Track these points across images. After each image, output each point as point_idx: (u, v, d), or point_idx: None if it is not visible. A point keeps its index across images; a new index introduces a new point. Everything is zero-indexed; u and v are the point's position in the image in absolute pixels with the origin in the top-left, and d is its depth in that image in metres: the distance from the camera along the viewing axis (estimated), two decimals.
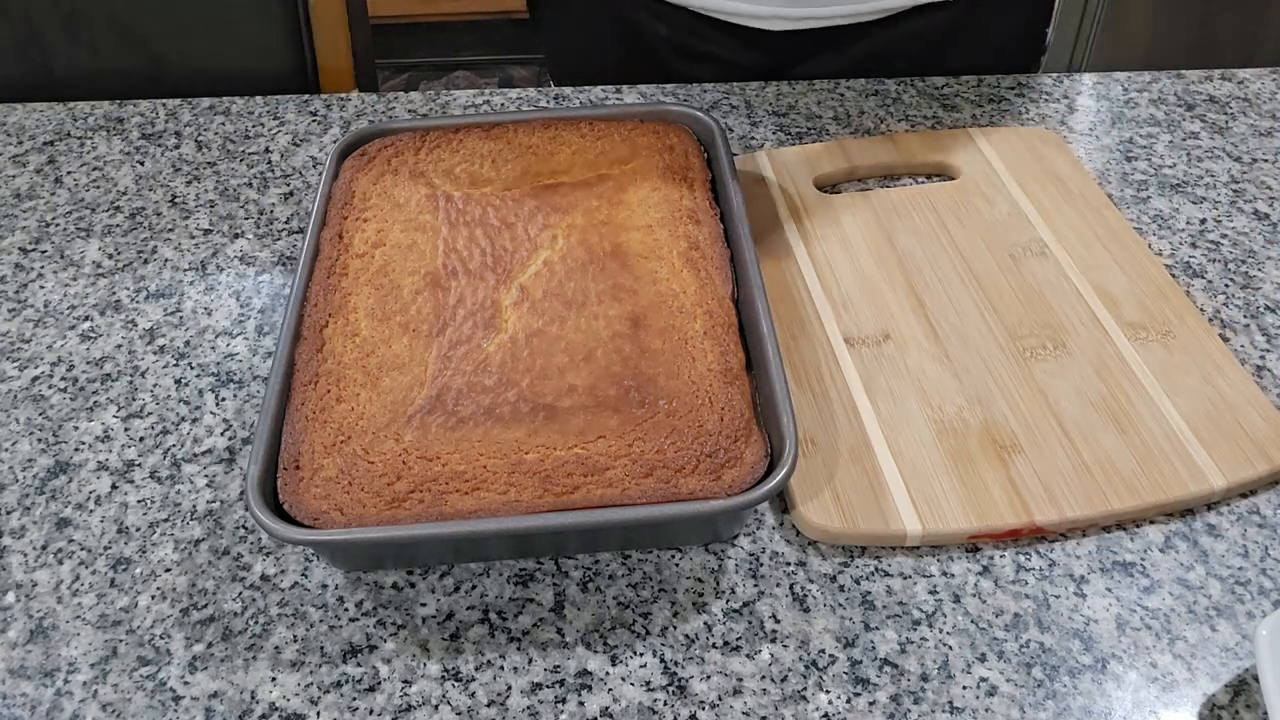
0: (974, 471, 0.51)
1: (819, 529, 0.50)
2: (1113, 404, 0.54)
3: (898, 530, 0.49)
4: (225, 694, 0.46)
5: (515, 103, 0.80)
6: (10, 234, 0.70)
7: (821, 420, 0.54)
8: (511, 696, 0.45)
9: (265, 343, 0.62)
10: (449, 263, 0.56)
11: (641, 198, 0.59)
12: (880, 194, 0.68)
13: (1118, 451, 0.52)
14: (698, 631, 0.47)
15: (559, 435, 0.48)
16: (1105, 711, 0.44)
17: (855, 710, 0.45)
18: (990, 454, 0.52)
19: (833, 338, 0.59)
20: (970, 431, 0.53)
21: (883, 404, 0.55)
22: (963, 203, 0.67)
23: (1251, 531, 0.50)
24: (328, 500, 0.47)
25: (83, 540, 0.52)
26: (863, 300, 0.61)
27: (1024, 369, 0.56)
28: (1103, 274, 0.62)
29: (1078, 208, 0.67)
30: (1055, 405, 0.54)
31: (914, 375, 0.56)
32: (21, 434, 0.57)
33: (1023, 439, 0.53)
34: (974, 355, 0.57)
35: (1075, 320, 0.59)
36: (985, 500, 0.50)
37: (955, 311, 0.60)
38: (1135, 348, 0.57)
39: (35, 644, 0.48)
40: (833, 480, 0.51)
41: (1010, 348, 0.57)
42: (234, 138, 0.77)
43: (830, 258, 0.63)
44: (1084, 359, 0.57)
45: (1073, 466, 0.52)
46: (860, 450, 0.53)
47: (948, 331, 0.59)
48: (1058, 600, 0.48)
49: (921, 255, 0.63)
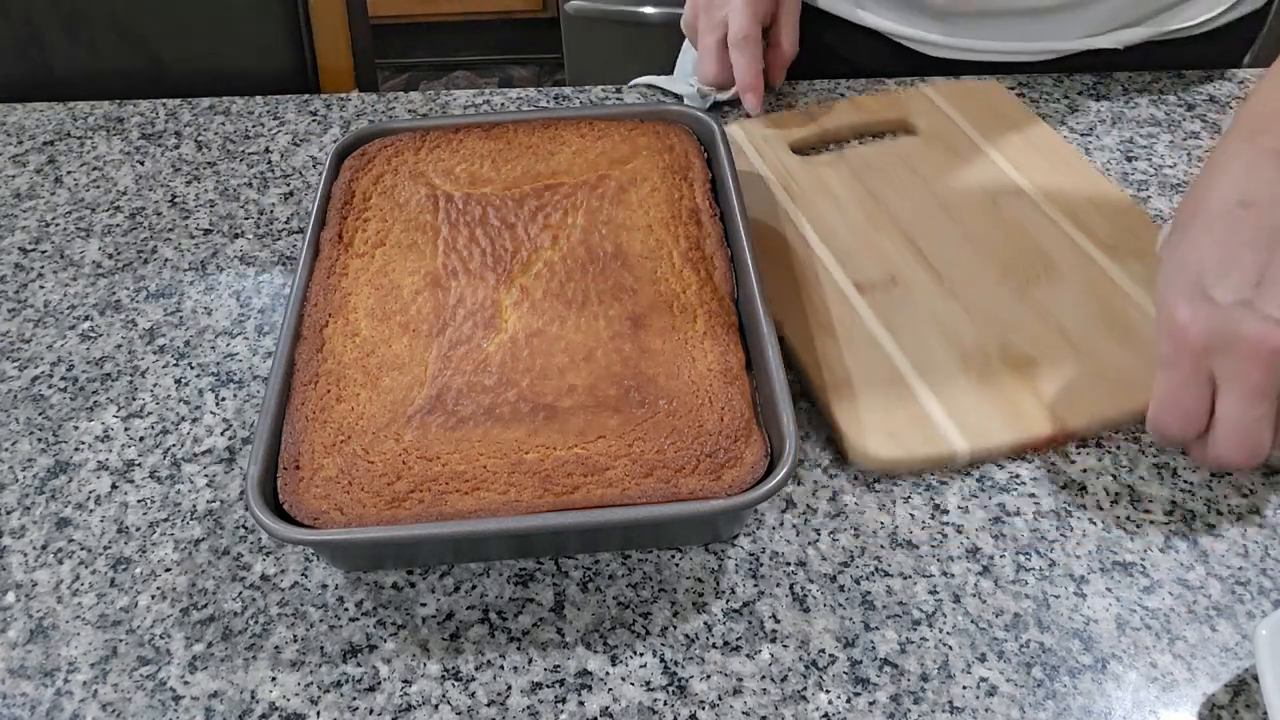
0: (1002, 390, 0.55)
1: (879, 460, 0.52)
2: (1108, 317, 0.59)
3: (948, 451, 0.53)
4: (225, 694, 0.46)
5: (515, 103, 0.81)
6: (10, 234, 0.70)
7: (853, 362, 0.57)
8: (511, 696, 0.45)
9: (265, 343, 0.62)
10: (449, 263, 0.56)
11: (642, 198, 0.59)
12: (854, 152, 0.72)
13: (1123, 358, 0.56)
14: (698, 631, 0.47)
15: (559, 435, 0.48)
16: (1105, 711, 0.44)
17: (855, 710, 0.45)
18: (1013, 373, 0.55)
19: (844, 286, 0.61)
20: (990, 356, 0.56)
21: (904, 340, 0.58)
22: (931, 154, 0.71)
23: (1251, 531, 0.51)
24: (328, 500, 0.47)
25: (83, 540, 0.52)
26: (863, 250, 0.64)
27: (1023, 296, 0.60)
28: (1072, 205, 0.66)
29: (1035, 148, 0.71)
30: (1059, 325, 0.58)
31: (926, 312, 0.59)
32: (21, 434, 0.57)
33: (1038, 357, 0.56)
34: (976, 289, 0.60)
35: (1059, 248, 0.63)
36: (1019, 414, 0.54)
37: (950, 252, 0.63)
38: (1116, 265, 0.62)
39: (35, 644, 0.48)
40: (878, 415, 0.54)
41: (1007, 279, 0.61)
42: (234, 138, 0.77)
43: (824, 215, 0.66)
44: (1074, 281, 0.61)
45: (1087, 375, 0.55)
46: (895, 384, 0.55)
47: (948, 270, 0.62)
48: (1058, 600, 0.48)
49: (906, 205, 0.67)
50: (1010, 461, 0.54)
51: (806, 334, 0.58)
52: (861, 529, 0.51)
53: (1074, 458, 0.54)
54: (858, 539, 0.51)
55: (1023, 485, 0.53)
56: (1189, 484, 0.53)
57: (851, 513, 0.52)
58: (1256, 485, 0.52)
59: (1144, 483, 0.53)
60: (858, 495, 0.52)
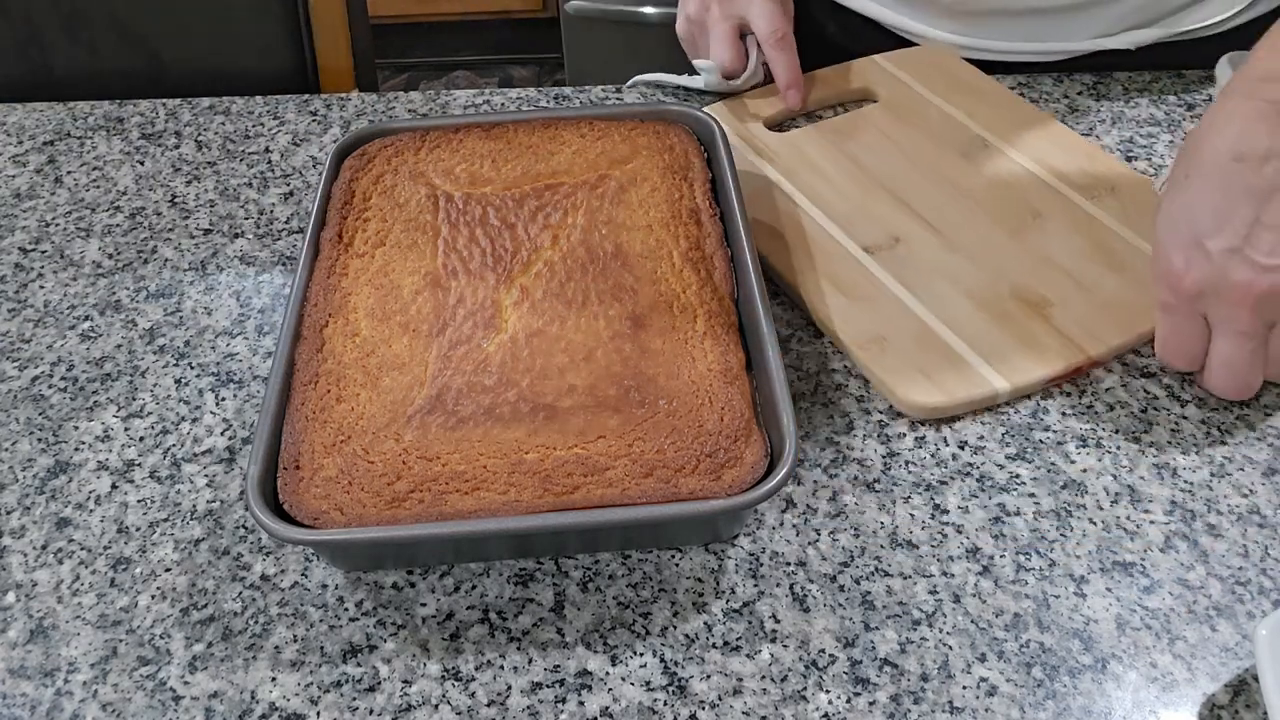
0: (1022, 329, 0.58)
1: (925, 407, 0.55)
2: (1102, 253, 0.62)
3: (989, 391, 0.55)
4: (225, 694, 0.46)
5: (515, 103, 0.80)
6: (10, 234, 0.70)
7: (880, 319, 0.59)
8: (511, 696, 0.45)
9: (265, 343, 0.62)
10: (449, 263, 0.56)
11: (642, 198, 0.59)
12: (825, 123, 0.74)
13: (1122, 288, 0.60)
14: (698, 631, 0.47)
15: (559, 435, 0.48)
16: (1105, 711, 0.44)
17: (855, 710, 0.45)
18: (1028, 313, 0.59)
19: (852, 250, 0.63)
20: (1003, 299, 0.59)
21: (922, 293, 0.60)
22: (897, 119, 0.73)
23: (1251, 531, 0.51)
24: (328, 500, 0.47)
25: (83, 540, 0.52)
26: (859, 216, 0.65)
27: (1019, 242, 0.63)
28: (1042, 153, 0.69)
29: (993, 105, 0.74)
30: (1058, 264, 0.61)
31: (935, 266, 0.62)
32: (21, 434, 0.57)
33: (1048, 295, 0.59)
34: (975, 240, 0.63)
35: (1038, 194, 0.66)
36: (1044, 349, 0.57)
37: (941, 208, 0.65)
38: (1094, 205, 0.65)
39: (35, 644, 0.48)
40: (917, 366, 0.56)
41: (999, 227, 0.64)
42: (234, 138, 0.77)
43: (814, 187, 0.68)
44: (1061, 223, 0.64)
45: (1096, 307, 0.59)
46: (924, 335, 0.58)
47: (944, 225, 0.64)
48: (1058, 600, 0.48)
49: (886, 167, 0.69)
50: (1011, 461, 0.54)
51: (832, 299, 0.60)
52: (861, 529, 0.51)
53: (1074, 458, 0.54)
54: (858, 539, 0.51)
55: (1023, 485, 0.53)
56: (1189, 484, 0.53)
57: (851, 513, 0.52)
58: (1256, 485, 0.52)
59: (1144, 483, 0.53)
60: (858, 495, 0.52)
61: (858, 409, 0.56)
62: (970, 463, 0.54)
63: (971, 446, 0.55)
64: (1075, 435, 0.55)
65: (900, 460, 0.54)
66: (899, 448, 0.55)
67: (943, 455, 0.54)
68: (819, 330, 0.61)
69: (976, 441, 0.55)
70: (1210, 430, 0.55)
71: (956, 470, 0.53)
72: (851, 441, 0.55)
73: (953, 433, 0.55)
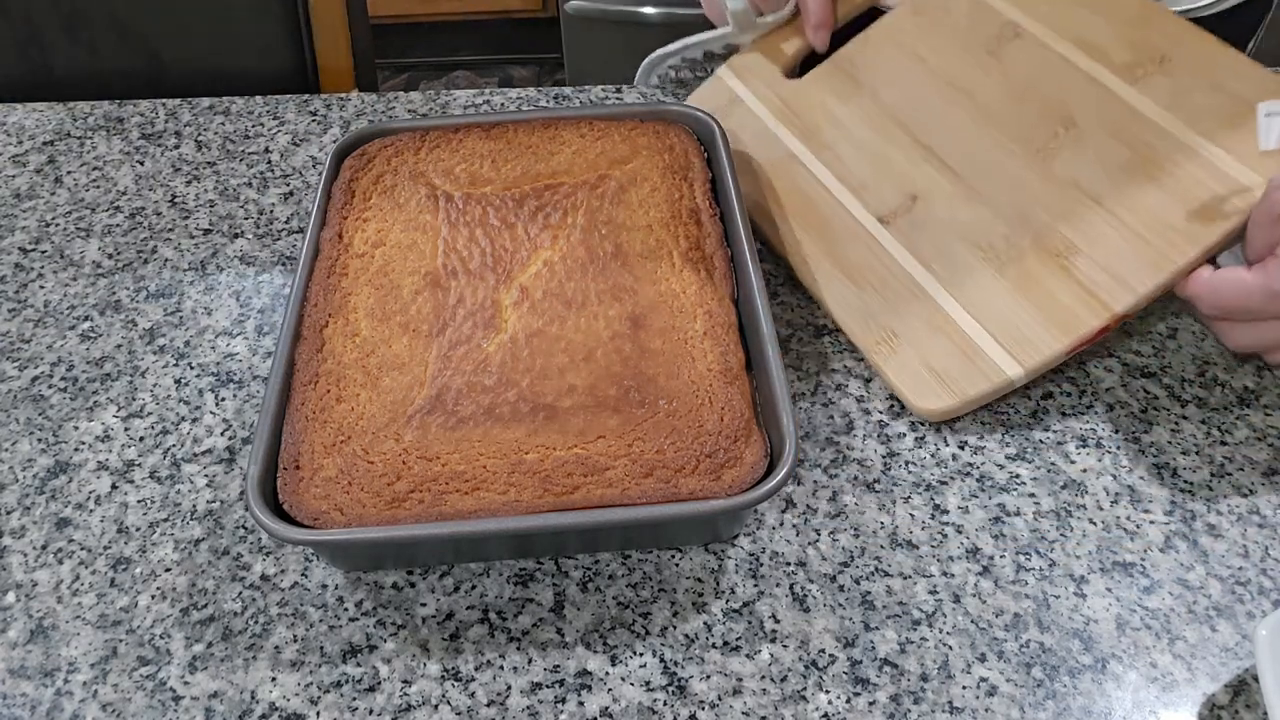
0: (1043, 291, 0.53)
1: (937, 412, 0.53)
2: (1139, 160, 0.54)
3: (1002, 381, 0.52)
4: (225, 694, 0.46)
5: (515, 103, 0.81)
6: (10, 234, 0.70)
7: (893, 309, 0.57)
8: (511, 696, 0.45)
9: (265, 343, 0.62)
10: (449, 263, 0.56)
11: (641, 198, 0.59)
12: (843, 55, 0.68)
13: (1161, 206, 0.52)
14: (698, 631, 0.47)
15: (559, 435, 0.48)
16: (1105, 711, 0.44)
17: (855, 710, 0.45)
18: (1051, 267, 0.53)
19: (867, 223, 0.60)
20: (1025, 254, 0.54)
21: (937, 266, 0.56)
22: (919, 23, 0.67)
23: (1251, 531, 0.51)
24: (328, 500, 0.47)
25: (83, 540, 0.52)
26: (877, 175, 0.61)
27: (1045, 168, 0.56)
28: (1079, 27, 0.60)
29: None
30: (1088, 189, 0.54)
31: (952, 225, 0.57)
32: (21, 434, 0.57)
33: (1073, 237, 0.54)
34: (996, 179, 0.57)
35: (1072, 91, 0.58)
36: (1065, 314, 0.52)
37: (962, 141, 0.60)
38: (1137, 90, 0.56)
39: (35, 644, 0.48)
40: (928, 362, 0.54)
41: (1025, 153, 0.57)
42: (234, 138, 0.77)
43: (832, 144, 0.64)
44: (1095, 127, 0.56)
45: (1127, 241, 0.52)
46: (938, 320, 0.55)
47: (963, 166, 0.59)
48: (1058, 600, 0.48)
49: (908, 99, 0.63)
50: (1011, 461, 0.54)
51: (843, 293, 0.59)
52: (861, 529, 0.51)
53: (1074, 458, 0.54)
54: (858, 539, 0.51)
55: (1023, 485, 0.53)
56: (1189, 484, 0.53)
57: (851, 513, 0.52)
58: (1256, 485, 0.52)
59: (1144, 483, 0.53)
60: (858, 495, 0.52)
61: (858, 409, 0.56)
62: (970, 463, 0.54)
63: (971, 446, 0.55)
64: (1075, 435, 0.55)
65: (900, 460, 0.54)
66: (899, 448, 0.55)
67: (943, 455, 0.54)
68: (819, 330, 0.61)
69: (976, 441, 0.55)
70: (1210, 430, 0.55)
71: (956, 470, 0.53)
72: (851, 441, 0.55)
73: (953, 433, 0.55)
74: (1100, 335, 0.52)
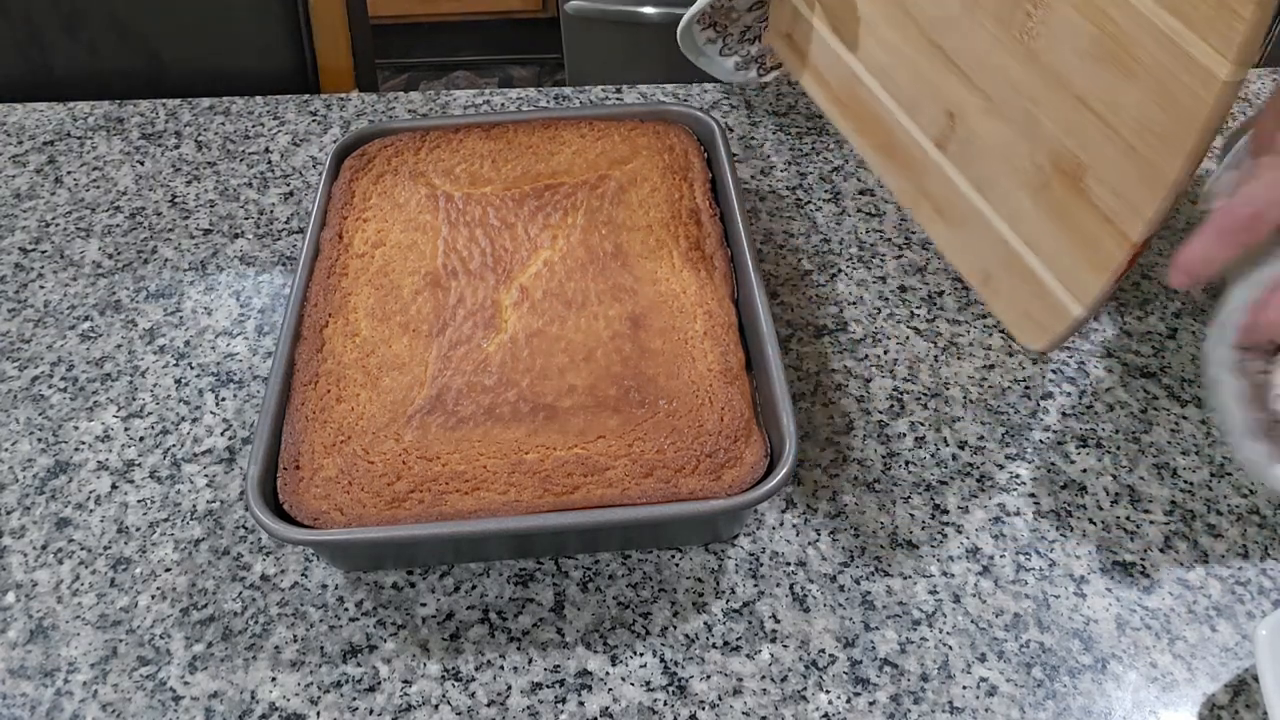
0: (1075, 222, 0.53)
1: (1036, 350, 0.57)
2: (1108, 44, 0.49)
3: (1072, 320, 0.54)
4: (225, 694, 0.46)
5: (515, 103, 0.81)
6: (10, 234, 0.70)
7: (978, 248, 0.58)
8: (511, 696, 0.45)
9: (265, 343, 0.62)
10: (449, 263, 0.56)
11: (641, 198, 0.59)
12: None
13: (1139, 105, 0.48)
14: (698, 631, 0.47)
15: (559, 435, 0.48)
16: (1105, 711, 0.44)
17: (855, 710, 0.45)
18: (1072, 192, 0.53)
19: (931, 151, 0.61)
20: (1049, 178, 0.54)
21: (992, 196, 0.57)
22: None
23: (1251, 531, 0.51)
24: (328, 500, 0.47)
25: (83, 540, 0.52)
26: (919, 91, 0.61)
27: (1030, 56, 0.53)
28: None
29: None
30: (1070, 82, 0.51)
31: (991, 146, 0.57)
32: (21, 434, 0.57)
33: (1077, 151, 0.51)
34: (1003, 84, 0.55)
35: None
36: (1095, 248, 0.52)
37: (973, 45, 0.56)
38: None
39: (35, 644, 0.48)
40: (1019, 303, 0.56)
41: (1008, 39, 0.54)
42: (234, 138, 0.77)
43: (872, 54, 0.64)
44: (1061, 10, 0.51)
45: (1123, 154, 0.49)
46: (1010, 260, 0.56)
47: (978, 73, 0.57)
48: (1058, 600, 0.48)
49: None
50: (1011, 461, 0.54)
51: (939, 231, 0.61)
52: (861, 529, 0.51)
53: (1074, 458, 0.54)
54: (858, 539, 0.51)
55: (1023, 485, 0.53)
56: (1189, 484, 0.53)
57: (851, 513, 0.52)
58: (1256, 485, 0.52)
59: (1144, 483, 0.53)
60: (858, 495, 0.52)
61: (858, 409, 0.56)
62: (970, 463, 0.54)
63: (971, 447, 0.55)
64: (1075, 435, 0.55)
65: (900, 460, 0.54)
66: (899, 448, 0.55)
67: (943, 455, 0.54)
68: (819, 330, 0.61)
69: (976, 442, 0.55)
70: (1210, 430, 0.55)
71: (956, 470, 0.53)
72: (851, 441, 0.55)
73: (953, 433, 0.55)
74: (1133, 262, 0.52)
